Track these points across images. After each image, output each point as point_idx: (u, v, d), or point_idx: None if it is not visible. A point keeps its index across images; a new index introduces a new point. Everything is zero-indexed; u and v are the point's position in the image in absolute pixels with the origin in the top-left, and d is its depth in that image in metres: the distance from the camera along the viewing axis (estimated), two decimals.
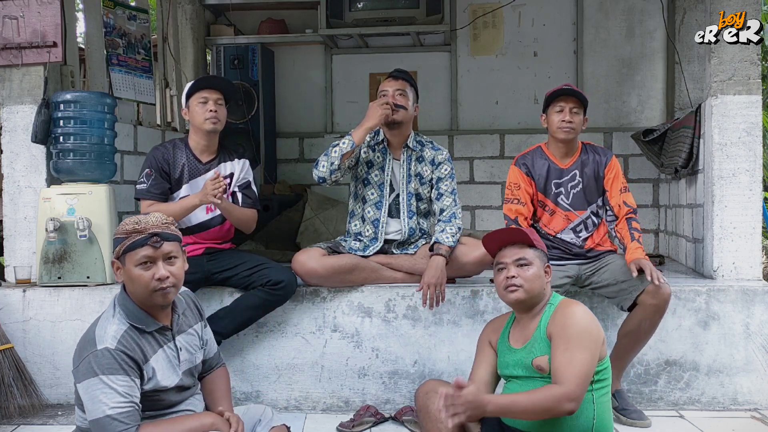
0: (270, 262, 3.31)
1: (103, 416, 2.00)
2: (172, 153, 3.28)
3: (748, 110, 3.54)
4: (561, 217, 3.27)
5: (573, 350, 2.23)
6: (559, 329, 2.30)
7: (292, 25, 5.82)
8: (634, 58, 5.58)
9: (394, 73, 3.47)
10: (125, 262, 2.14)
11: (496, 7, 5.59)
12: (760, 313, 3.32)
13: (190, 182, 3.27)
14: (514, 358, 2.42)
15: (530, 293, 2.40)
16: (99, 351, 2.06)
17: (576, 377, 2.20)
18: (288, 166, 5.90)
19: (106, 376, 2.02)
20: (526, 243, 2.44)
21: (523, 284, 2.38)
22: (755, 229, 3.55)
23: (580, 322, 2.30)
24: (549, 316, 2.39)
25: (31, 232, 3.64)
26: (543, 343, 2.34)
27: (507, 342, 2.49)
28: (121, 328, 2.11)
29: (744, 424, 3.15)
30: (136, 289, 2.14)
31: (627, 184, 3.27)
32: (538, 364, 2.33)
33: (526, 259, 2.41)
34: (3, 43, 3.63)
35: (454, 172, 3.48)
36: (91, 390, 2.03)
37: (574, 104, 3.19)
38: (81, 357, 2.08)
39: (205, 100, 3.25)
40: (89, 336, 2.12)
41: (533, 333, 2.40)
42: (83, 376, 2.05)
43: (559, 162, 3.28)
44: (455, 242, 3.31)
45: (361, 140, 3.30)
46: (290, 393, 3.42)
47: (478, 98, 5.73)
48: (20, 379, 3.33)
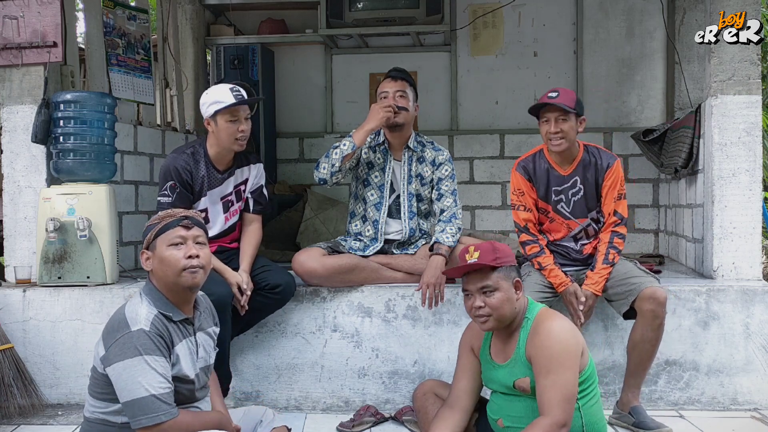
0: (271, 265, 3.31)
1: (146, 395, 1.99)
2: (193, 164, 3.16)
3: (748, 110, 3.54)
4: (562, 225, 3.21)
5: (554, 373, 2.23)
6: (537, 351, 2.28)
7: (292, 25, 5.82)
8: (634, 58, 5.57)
9: (393, 73, 3.45)
10: (156, 246, 2.17)
11: (496, 7, 5.59)
12: (760, 313, 3.32)
13: (208, 193, 3.21)
14: (497, 375, 2.41)
15: (500, 319, 2.36)
16: (134, 332, 2.05)
17: (561, 401, 2.20)
18: (288, 166, 5.90)
19: (148, 356, 2.02)
20: (488, 266, 2.35)
21: (492, 313, 2.34)
22: (755, 229, 3.55)
23: (556, 340, 2.27)
24: (527, 334, 2.36)
25: (31, 232, 3.64)
26: (523, 366, 2.34)
27: (488, 355, 2.47)
28: (151, 312, 2.12)
29: (744, 424, 3.15)
30: (166, 272, 2.15)
31: (624, 192, 3.16)
32: (520, 385, 2.34)
33: (490, 286, 2.34)
34: (3, 43, 3.63)
35: (455, 172, 3.48)
36: (129, 370, 2.00)
37: (559, 113, 3.04)
38: (113, 338, 2.06)
39: (236, 119, 3.11)
40: (119, 319, 2.11)
41: (513, 352, 2.38)
42: (118, 357, 2.02)
43: (559, 168, 3.18)
44: (455, 242, 3.31)
45: (362, 142, 3.29)
46: (290, 393, 3.42)
47: (478, 98, 5.73)
48: (20, 379, 3.33)
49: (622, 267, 3.10)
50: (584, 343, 2.36)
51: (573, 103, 3.06)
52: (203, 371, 2.26)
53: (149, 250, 2.18)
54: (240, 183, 3.30)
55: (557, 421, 2.19)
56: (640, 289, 2.95)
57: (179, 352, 2.15)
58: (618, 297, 3.06)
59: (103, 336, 2.13)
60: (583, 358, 2.31)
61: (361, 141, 3.29)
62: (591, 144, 3.27)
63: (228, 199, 3.27)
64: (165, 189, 3.11)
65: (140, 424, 2.00)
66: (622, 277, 3.05)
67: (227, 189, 3.26)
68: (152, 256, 2.18)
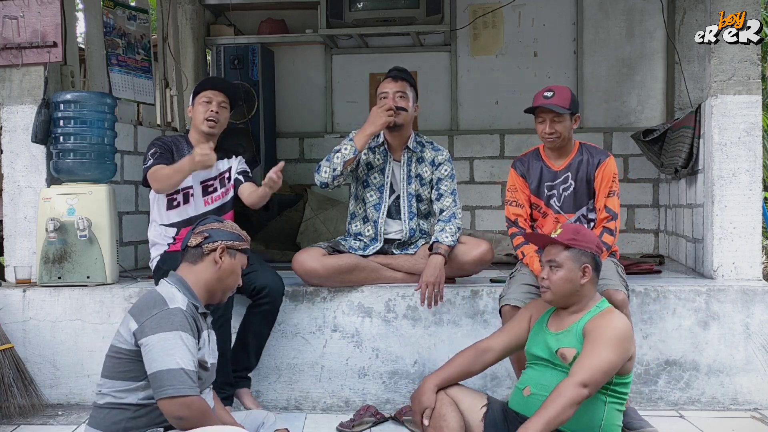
0: (258, 265, 3.24)
1: (177, 368, 2.02)
2: (175, 144, 3.29)
3: (748, 110, 3.54)
4: (551, 219, 3.21)
5: (599, 348, 2.31)
6: (595, 328, 2.38)
7: (292, 25, 5.82)
8: (634, 58, 5.57)
9: (393, 73, 3.44)
10: (236, 256, 2.32)
11: (496, 7, 5.59)
12: (760, 313, 3.32)
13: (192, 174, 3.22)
14: (545, 339, 2.48)
15: (557, 295, 2.47)
16: (173, 309, 2.11)
17: (590, 366, 2.27)
18: (288, 166, 5.85)
19: (183, 332, 2.08)
20: (563, 244, 2.48)
21: (550, 286, 2.46)
22: (755, 229, 3.55)
23: (616, 328, 2.37)
24: (591, 316, 2.44)
25: (31, 232, 3.64)
26: (575, 338, 2.41)
27: (545, 323, 2.55)
28: (185, 298, 2.20)
29: (744, 424, 3.15)
30: (230, 281, 2.32)
31: (617, 189, 3.15)
32: (562, 352, 2.40)
33: (555, 262, 2.47)
34: (3, 43, 3.63)
35: (455, 172, 3.48)
36: (165, 342, 2.05)
37: (554, 114, 3.08)
38: (151, 313, 2.10)
39: (209, 101, 3.26)
40: (155, 297, 2.16)
41: (570, 325, 2.46)
42: (155, 330, 2.07)
43: (552, 164, 3.22)
44: (454, 242, 3.31)
45: (363, 146, 3.29)
46: (290, 393, 3.42)
47: (478, 98, 5.73)
48: (20, 379, 3.33)
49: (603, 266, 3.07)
50: (635, 352, 2.44)
51: (568, 102, 3.08)
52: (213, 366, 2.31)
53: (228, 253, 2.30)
54: (223, 171, 3.35)
55: (581, 380, 2.24)
56: (601, 290, 2.91)
57: (205, 338, 2.23)
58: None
59: (133, 313, 2.16)
60: (630, 362, 2.40)
61: (362, 145, 3.28)
62: (587, 143, 3.29)
63: (209, 183, 3.31)
64: (148, 157, 3.22)
65: (165, 394, 2.02)
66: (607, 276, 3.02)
67: (208, 175, 3.30)
68: (228, 259, 2.30)
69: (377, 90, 3.44)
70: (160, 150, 3.23)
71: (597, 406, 2.36)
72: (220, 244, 2.27)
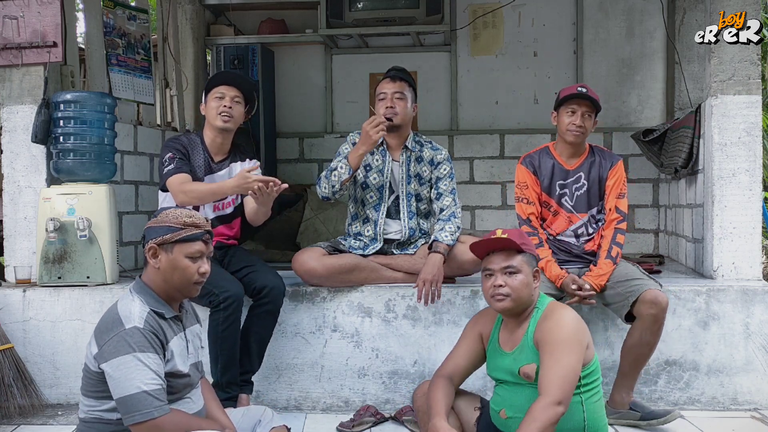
0: (257, 265, 3.25)
1: (138, 392, 2.00)
2: (190, 146, 3.23)
3: (748, 110, 3.54)
4: (563, 218, 3.25)
5: (557, 355, 2.25)
6: (545, 336, 2.31)
7: (292, 25, 5.82)
8: (634, 58, 5.57)
9: (392, 73, 3.43)
10: (173, 250, 2.17)
11: (496, 7, 5.59)
12: (760, 313, 3.32)
13: (205, 179, 3.22)
14: (503, 363, 2.43)
15: (517, 302, 2.39)
16: (128, 330, 2.07)
17: (559, 380, 2.22)
18: (288, 166, 5.90)
19: (140, 353, 2.04)
20: (514, 249, 2.41)
21: (511, 293, 2.37)
22: (755, 229, 3.55)
23: (565, 326, 2.31)
24: (536, 321, 2.38)
25: (31, 232, 3.64)
26: (530, 351, 2.35)
27: (497, 343, 2.49)
28: (144, 310, 2.14)
29: (744, 424, 3.15)
30: (175, 278, 2.18)
31: (626, 191, 3.24)
32: (525, 371, 2.35)
33: (513, 267, 2.39)
34: (3, 43, 3.63)
35: (454, 171, 3.48)
36: (123, 367, 2.02)
37: (588, 108, 3.16)
38: (108, 336, 2.08)
39: (222, 96, 3.19)
40: (113, 317, 2.12)
41: (521, 339, 2.40)
42: (112, 354, 2.04)
43: (565, 163, 3.25)
44: (454, 241, 3.31)
45: (357, 165, 3.28)
46: (290, 393, 3.42)
47: (478, 98, 5.73)
48: (20, 379, 3.34)
49: (623, 268, 3.10)
50: (590, 337, 2.38)
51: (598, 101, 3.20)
52: (193, 368, 2.28)
53: (162, 249, 2.18)
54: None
55: (553, 399, 2.19)
56: (641, 292, 2.94)
57: (173, 348, 2.17)
58: (618, 298, 3.04)
59: (95, 334, 2.14)
60: (588, 351, 2.34)
61: (356, 164, 3.27)
62: (596, 145, 3.36)
63: None
64: (165, 161, 3.15)
65: (133, 420, 2.02)
66: (622, 279, 3.04)
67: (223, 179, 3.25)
68: (164, 256, 2.19)
69: (375, 90, 3.44)
70: (177, 155, 3.15)
71: (575, 409, 2.31)
72: (150, 244, 2.20)
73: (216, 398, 2.42)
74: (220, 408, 2.39)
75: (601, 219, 3.25)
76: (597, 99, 3.19)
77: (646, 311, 2.93)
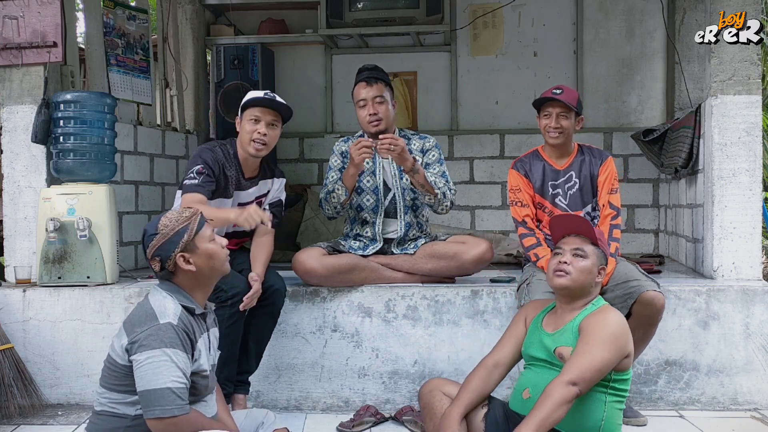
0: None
1: (164, 387, 2.01)
2: (225, 161, 3.09)
3: (748, 110, 3.54)
4: None
5: (591, 345, 2.28)
6: (589, 326, 2.35)
7: (292, 25, 5.82)
8: (634, 58, 5.57)
9: (365, 74, 3.40)
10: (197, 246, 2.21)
11: (496, 7, 5.59)
12: (760, 313, 3.32)
13: (235, 194, 3.17)
14: (542, 339, 2.46)
15: (576, 283, 2.43)
16: (162, 325, 2.09)
17: (582, 365, 2.24)
18: (288, 166, 5.89)
19: (170, 350, 2.05)
20: (589, 238, 2.47)
21: (572, 272, 2.42)
22: (755, 229, 3.55)
23: (609, 325, 2.34)
24: (587, 314, 2.42)
25: (31, 232, 3.64)
26: (572, 335, 2.39)
27: (540, 324, 2.53)
28: (177, 308, 2.16)
29: (744, 424, 3.15)
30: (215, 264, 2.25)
31: (618, 186, 3.26)
32: (560, 352, 2.37)
33: (583, 251, 2.45)
34: (3, 43, 3.63)
35: (443, 157, 3.50)
36: (152, 360, 2.04)
37: (562, 109, 3.17)
38: (141, 329, 2.09)
39: (257, 119, 3.03)
40: (146, 311, 2.14)
41: (566, 324, 2.44)
42: (144, 347, 2.05)
43: (555, 163, 3.29)
44: (433, 184, 3.30)
45: (352, 186, 3.31)
46: (290, 393, 3.42)
47: (478, 98, 5.72)
48: (20, 379, 3.33)
49: (623, 268, 3.09)
50: (632, 348, 2.40)
51: (575, 102, 3.20)
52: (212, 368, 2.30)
53: (187, 252, 2.20)
54: (261, 195, 3.26)
55: (570, 378, 2.21)
56: (639, 293, 2.94)
57: (201, 347, 2.20)
58: (617, 301, 3.01)
59: (125, 327, 2.15)
60: (626, 360, 2.36)
61: (351, 185, 3.30)
62: (584, 144, 3.38)
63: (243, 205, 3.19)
64: (192, 172, 2.99)
65: (153, 414, 2.02)
66: (621, 281, 3.02)
67: (248, 198, 3.22)
68: (194, 256, 2.21)
69: (353, 94, 3.42)
70: (207, 170, 2.99)
71: (596, 405, 2.34)
72: (175, 254, 2.19)
73: (224, 401, 2.44)
74: (227, 411, 2.40)
75: (596, 216, 3.28)
76: (570, 101, 3.16)
77: (642, 312, 2.94)
